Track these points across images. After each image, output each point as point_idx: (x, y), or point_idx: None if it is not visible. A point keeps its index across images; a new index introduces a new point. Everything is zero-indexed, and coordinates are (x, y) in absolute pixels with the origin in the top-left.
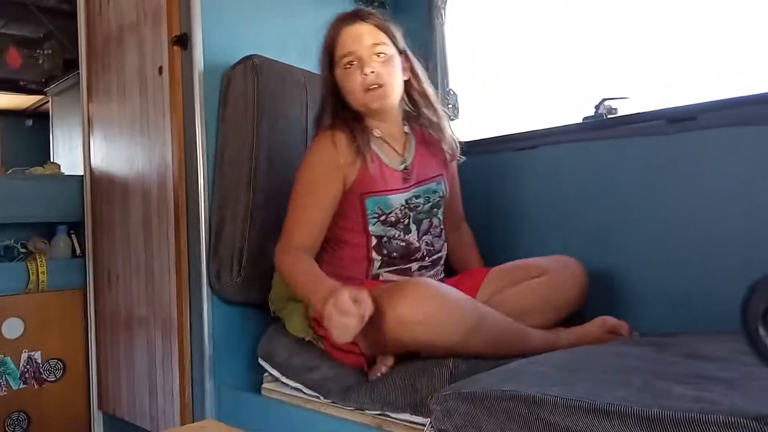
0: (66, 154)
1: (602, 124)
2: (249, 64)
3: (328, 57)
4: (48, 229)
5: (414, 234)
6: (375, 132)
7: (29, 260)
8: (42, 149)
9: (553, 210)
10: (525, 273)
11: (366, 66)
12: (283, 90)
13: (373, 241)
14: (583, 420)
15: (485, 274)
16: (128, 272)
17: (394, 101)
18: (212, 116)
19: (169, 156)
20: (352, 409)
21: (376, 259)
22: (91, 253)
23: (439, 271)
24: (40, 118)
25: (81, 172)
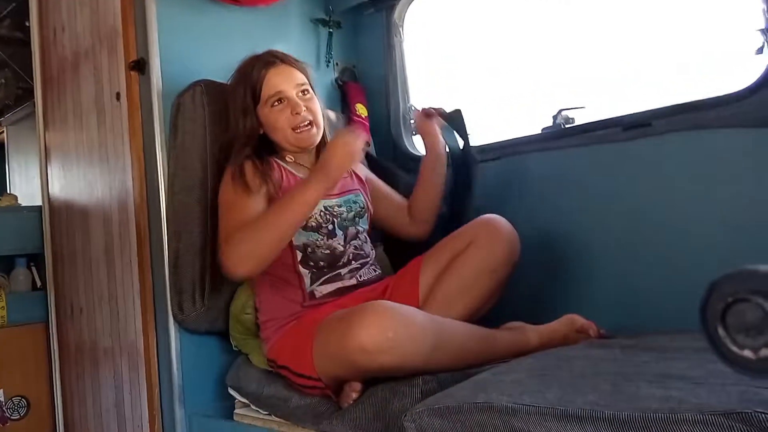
0: (23, 185)
1: (561, 134)
2: (197, 90)
3: (251, 95)
4: (6, 263)
5: (340, 239)
6: (288, 158)
7: None
8: None
9: (517, 217)
10: (453, 248)
11: (297, 105)
12: None
13: (299, 255)
14: (556, 427)
15: (420, 263)
16: (92, 303)
17: (319, 137)
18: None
19: (129, 182)
20: None
21: (305, 273)
22: (52, 286)
23: (371, 270)
24: None
25: (39, 203)
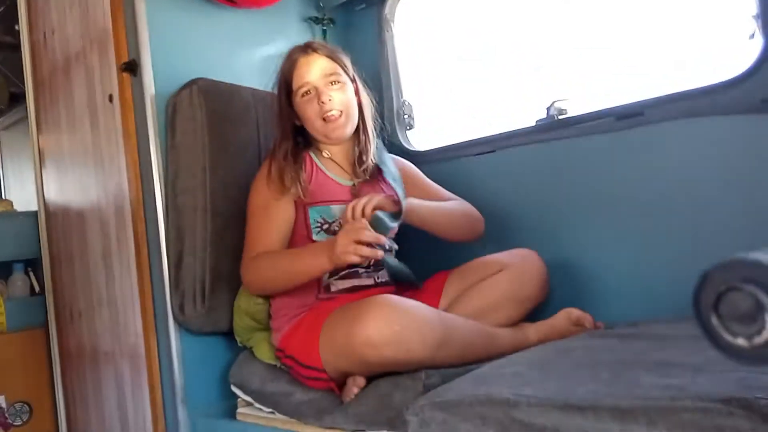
0: (18, 190)
1: (554, 125)
2: (194, 89)
3: (285, 88)
4: (4, 269)
5: None
6: (324, 153)
7: None
8: None
9: (514, 209)
10: (484, 270)
11: (323, 94)
12: (232, 111)
13: None
14: (557, 417)
15: (446, 278)
16: (91, 306)
17: (351, 129)
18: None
19: (125, 184)
20: (330, 429)
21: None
22: (51, 290)
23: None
24: None
25: (35, 208)
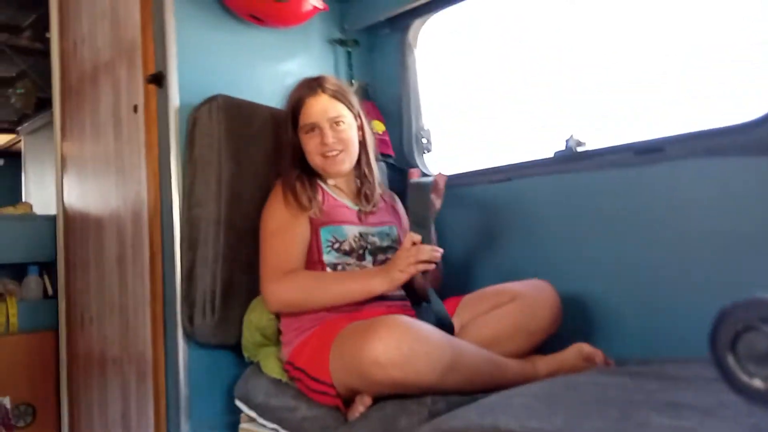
0: (38, 193)
1: (573, 157)
2: (214, 105)
3: (292, 119)
4: (19, 270)
5: (369, 262)
6: (329, 181)
7: None
8: (13, 189)
9: (527, 239)
10: (497, 299)
11: (325, 136)
12: (249, 128)
13: (329, 270)
14: None
15: (458, 303)
16: (102, 313)
17: (350, 165)
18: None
19: (143, 194)
20: None
21: None
22: (63, 294)
23: (398, 290)
24: (12, 158)
25: (53, 212)
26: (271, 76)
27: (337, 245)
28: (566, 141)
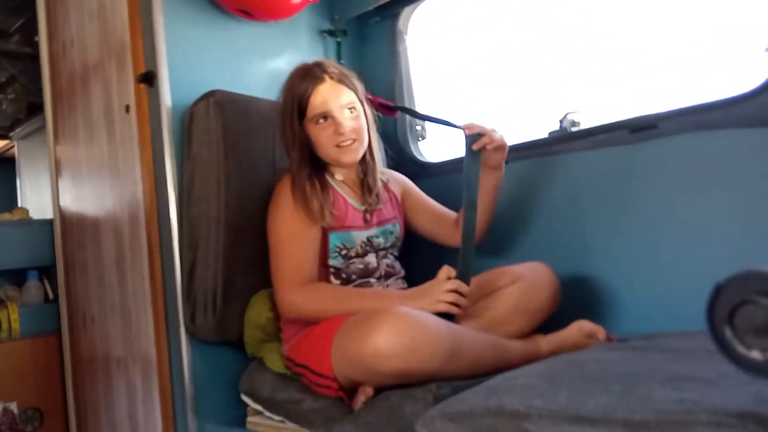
0: (34, 198)
1: (567, 137)
2: (211, 100)
3: (297, 111)
4: (18, 275)
5: (372, 257)
6: (337, 176)
7: (0, 308)
8: (8, 195)
9: (526, 220)
10: (497, 282)
11: (340, 126)
12: (248, 124)
13: (332, 271)
14: (568, 429)
15: None
16: (104, 314)
17: (362, 153)
18: (181, 152)
19: (139, 194)
20: None
21: (335, 282)
22: (64, 297)
23: (399, 282)
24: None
25: (50, 216)
26: (262, 71)
27: (344, 252)
28: (560, 121)
